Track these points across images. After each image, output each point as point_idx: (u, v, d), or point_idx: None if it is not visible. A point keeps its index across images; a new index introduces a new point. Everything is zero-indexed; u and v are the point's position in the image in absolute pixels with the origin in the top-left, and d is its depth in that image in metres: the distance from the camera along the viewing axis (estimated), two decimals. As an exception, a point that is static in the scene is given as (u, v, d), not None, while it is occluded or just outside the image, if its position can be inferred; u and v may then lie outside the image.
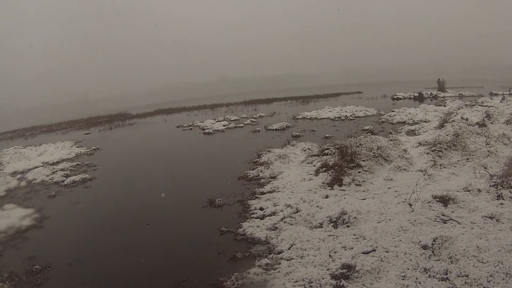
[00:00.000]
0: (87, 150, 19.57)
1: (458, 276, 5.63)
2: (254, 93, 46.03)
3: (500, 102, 26.63)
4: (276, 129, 21.83)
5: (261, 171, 12.38)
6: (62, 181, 13.84)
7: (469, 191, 9.14)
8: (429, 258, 6.26)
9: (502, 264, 5.77)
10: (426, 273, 5.82)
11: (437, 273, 5.76)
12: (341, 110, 27.14)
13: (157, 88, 61.95)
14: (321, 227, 7.99)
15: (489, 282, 5.39)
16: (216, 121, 26.28)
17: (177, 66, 79.40)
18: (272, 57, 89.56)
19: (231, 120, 26.84)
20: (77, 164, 16.46)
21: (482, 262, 5.91)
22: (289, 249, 7.16)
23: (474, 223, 7.42)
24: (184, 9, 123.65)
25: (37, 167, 16.16)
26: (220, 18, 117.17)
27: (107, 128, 28.29)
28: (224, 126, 24.33)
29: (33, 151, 20.16)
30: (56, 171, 15.24)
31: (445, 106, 26.85)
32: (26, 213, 10.87)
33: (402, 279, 5.73)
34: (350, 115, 25.29)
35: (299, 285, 5.86)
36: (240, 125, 24.72)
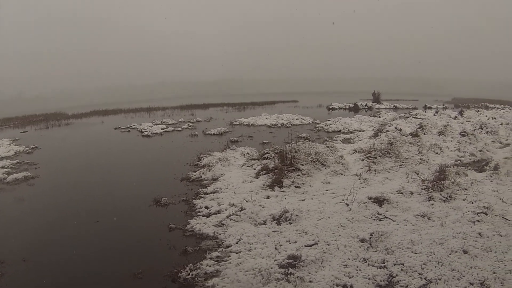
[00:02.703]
0: (26, 148, 18.98)
1: (394, 264, 6.28)
2: (191, 97, 46.34)
3: (434, 115, 28.60)
4: (214, 134, 22.25)
5: (203, 173, 12.70)
6: (4, 179, 13.44)
7: (402, 193, 9.97)
8: (367, 249, 6.90)
9: (434, 254, 6.49)
10: (365, 262, 6.44)
11: (375, 262, 6.38)
12: (278, 117, 27.97)
13: (93, 89, 60.98)
14: (265, 224, 8.45)
15: (423, 269, 6.07)
16: (154, 124, 26.30)
17: (118, 71, 78.87)
18: (210, 65, 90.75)
19: (168, 124, 27.01)
20: (18, 162, 16.01)
21: (416, 253, 6.61)
22: (237, 243, 7.54)
23: (407, 221, 8.19)
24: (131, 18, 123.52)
25: (-25, 163, 15.53)
26: (168, 28, 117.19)
27: (44, 127, 27.58)
28: (162, 129, 24.47)
29: (-32, 148, 19.19)
30: (-4, 168, 14.78)
31: (379, 117, 28.38)
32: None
33: (344, 267, 6.28)
34: (287, 123, 26.14)
35: (250, 274, 6.23)
36: (178, 129, 25.00)
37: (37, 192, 12.17)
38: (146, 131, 23.69)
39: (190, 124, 26.92)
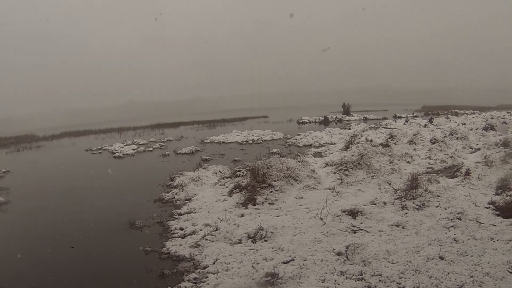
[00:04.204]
0: (-4, 172, 18.80)
1: (372, 275, 6.30)
2: (161, 116, 46.46)
3: (404, 124, 29.19)
4: (185, 153, 22.45)
5: (176, 194, 12.64)
6: (-26, 204, 13.21)
7: (375, 204, 10.08)
8: (344, 262, 6.91)
9: (411, 263, 6.54)
10: (343, 275, 6.43)
11: (353, 275, 6.39)
12: (249, 134, 28.28)
13: (64, 111, 60.88)
14: (241, 243, 8.39)
15: (401, 278, 6.10)
16: (125, 145, 26.41)
17: (87, 91, 79.08)
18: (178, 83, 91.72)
19: (140, 144, 27.22)
20: (-12, 187, 15.81)
21: (393, 263, 6.65)
22: (213, 263, 7.48)
23: (382, 231, 8.26)
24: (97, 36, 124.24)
25: None
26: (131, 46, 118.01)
27: (15, 150, 27.72)
28: (133, 150, 24.59)
29: None
30: (-34, 193, 14.46)
31: (350, 129, 28.84)
32: None
33: (322, 282, 6.27)
34: (258, 139, 26.40)
35: (229, 294, 6.22)
36: (149, 149, 25.17)
37: (9, 218, 12.06)
38: (118, 152, 23.79)
39: (161, 143, 27.19)
